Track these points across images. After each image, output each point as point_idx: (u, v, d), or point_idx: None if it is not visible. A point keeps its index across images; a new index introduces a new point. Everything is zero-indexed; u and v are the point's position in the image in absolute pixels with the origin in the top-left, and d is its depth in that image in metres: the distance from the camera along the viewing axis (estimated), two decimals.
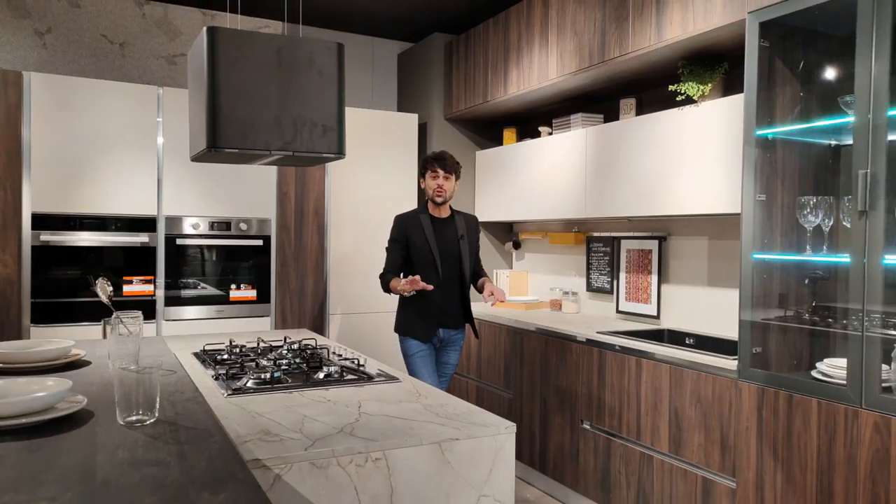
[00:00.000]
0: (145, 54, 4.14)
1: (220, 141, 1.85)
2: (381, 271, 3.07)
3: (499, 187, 4.26)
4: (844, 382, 2.05)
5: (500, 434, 1.52)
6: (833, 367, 2.13)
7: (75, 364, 1.97)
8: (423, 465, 1.43)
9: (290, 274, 4.01)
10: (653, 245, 3.46)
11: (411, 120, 4.34)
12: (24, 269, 3.37)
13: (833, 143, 2.45)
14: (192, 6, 4.23)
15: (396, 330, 3.14)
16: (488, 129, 4.60)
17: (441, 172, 3.00)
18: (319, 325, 4.07)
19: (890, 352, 1.99)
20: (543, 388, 3.37)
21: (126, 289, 3.57)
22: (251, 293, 3.90)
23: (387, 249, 3.11)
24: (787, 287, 2.43)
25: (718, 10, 2.51)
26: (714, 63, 2.83)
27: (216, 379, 1.92)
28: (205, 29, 1.86)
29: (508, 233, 4.67)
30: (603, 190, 3.36)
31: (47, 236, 3.39)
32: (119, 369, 1.30)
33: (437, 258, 3.00)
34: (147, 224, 3.62)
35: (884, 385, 1.97)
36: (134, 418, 1.30)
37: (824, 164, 2.45)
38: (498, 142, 4.53)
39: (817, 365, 2.21)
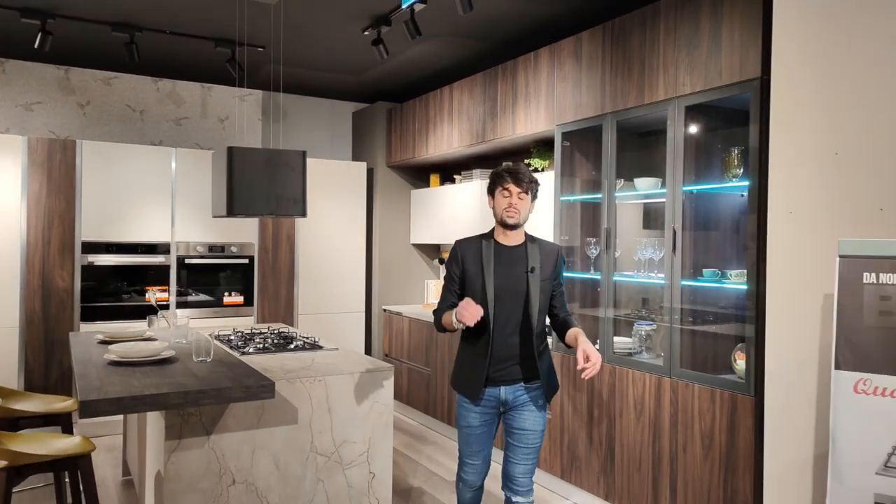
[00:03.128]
0: (159, 119, 5.48)
1: (234, 210, 3.24)
2: (436, 308, 2.63)
3: (427, 218, 5.68)
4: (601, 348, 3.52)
5: (384, 371, 2.93)
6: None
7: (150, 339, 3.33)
8: (343, 384, 2.83)
9: (269, 284, 5.37)
10: None
11: (361, 167, 5.75)
12: (76, 282, 4.68)
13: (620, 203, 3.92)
14: (194, 81, 5.57)
15: (452, 382, 2.68)
16: (421, 173, 6.03)
17: (515, 189, 2.48)
18: (290, 322, 5.44)
19: (630, 331, 3.47)
20: (450, 364, 4.79)
21: (148, 296, 4.91)
22: (239, 298, 5.26)
23: (443, 286, 2.66)
24: (581, 292, 3.89)
25: (543, 121, 3.98)
26: (551, 147, 4.29)
27: (231, 348, 3.29)
28: (226, 147, 3.25)
29: (436, 251, 6.10)
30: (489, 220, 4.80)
31: (93, 258, 4.72)
32: (198, 335, 2.67)
33: (489, 293, 2.46)
34: (164, 248, 4.96)
35: (622, 350, 3.44)
36: (201, 358, 2.68)
37: (596, 219, 3.93)
38: (427, 184, 5.96)
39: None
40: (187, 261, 5.03)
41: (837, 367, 1.79)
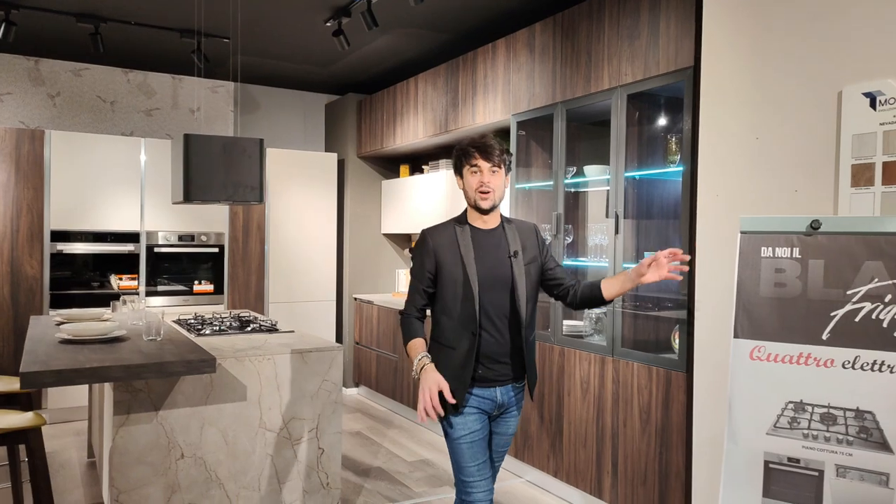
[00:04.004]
0: (130, 110, 5.54)
1: (191, 196, 3.32)
2: (403, 309, 2.28)
3: (398, 208, 5.77)
4: (550, 331, 3.62)
5: (333, 351, 3.02)
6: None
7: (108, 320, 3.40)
8: (292, 363, 2.92)
9: (239, 273, 5.45)
10: None
11: (332, 158, 5.83)
12: (45, 270, 4.75)
13: (572, 190, 4.03)
14: (165, 73, 5.64)
15: None
16: (391, 164, 6.11)
17: (485, 165, 2.16)
18: (261, 310, 5.52)
19: (583, 314, 3.57)
20: None
21: (113, 281, 4.97)
22: (210, 287, 5.34)
23: (410, 281, 2.30)
24: None
25: (500, 111, 4.07)
26: (508, 137, 4.39)
27: (188, 331, 3.37)
28: (183, 135, 3.33)
29: (406, 241, 6.19)
30: (458, 210, 4.90)
31: (62, 246, 4.78)
32: (156, 318, 2.76)
33: (473, 285, 2.14)
34: (133, 237, 5.03)
35: (572, 333, 3.55)
36: (151, 337, 2.76)
37: (552, 205, 4.03)
38: (397, 174, 6.05)
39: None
40: (157, 249, 5.10)
41: (736, 336, 1.90)
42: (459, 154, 2.23)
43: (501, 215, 2.30)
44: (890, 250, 1.74)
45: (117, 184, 4.96)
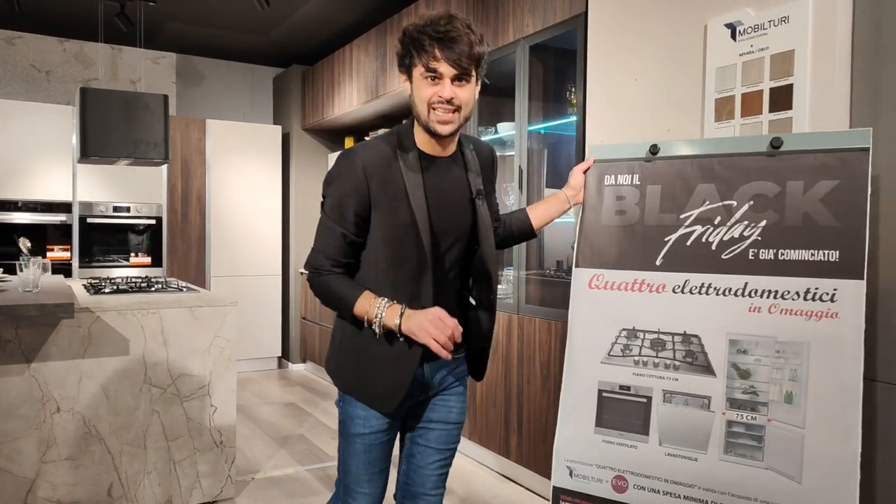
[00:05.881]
0: (66, 79, 5.45)
1: (88, 152, 3.25)
2: (311, 263, 1.56)
3: None
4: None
5: (226, 307, 2.96)
6: None
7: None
8: (179, 318, 2.86)
9: (178, 245, 5.38)
10: None
11: (276, 130, 5.75)
12: None
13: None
14: (103, 42, 5.55)
15: (335, 379, 1.67)
16: (336, 136, 6.03)
17: (449, 72, 1.45)
18: (201, 284, 5.45)
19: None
20: None
21: (49, 255, 4.90)
22: (147, 259, 5.27)
23: (321, 221, 1.56)
24: None
25: None
26: None
27: (88, 291, 3.31)
28: (79, 89, 3.26)
29: None
30: None
31: None
32: (26, 268, 2.69)
33: (424, 239, 1.49)
34: (65, 207, 4.95)
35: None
36: (28, 289, 2.70)
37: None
38: (342, 146, 5.97)
39: None
40: (90, 220, 5.03)
41: (577, 266, 1.84)
42: (409, 42, 1.47)
43: (460, 135, 1.61)
44: (722, 172, 1.68)
45: (49, 153, 4.88)
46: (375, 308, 1.47)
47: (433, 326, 1.43)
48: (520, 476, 3.19)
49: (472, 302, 1.65)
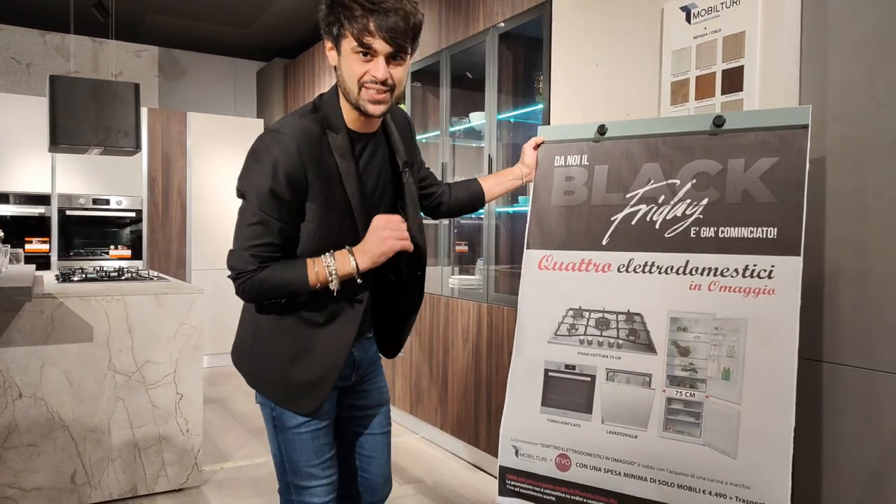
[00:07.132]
0: (47, 72, 5.43)
1: (58, 140, 3.24)
2: (236, 267, 1.39)
3: None
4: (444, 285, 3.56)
5: (192, 294, 2.95)
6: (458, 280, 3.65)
7: None
8: (145, 305, 2.85)
9: (159, 239, 5.37)
10: None
11: (258, 124, 5.74)
12: None
13: (473, 145, 3.96)
14: (84, 35, 5.54)
15: (252, 383, 1.56)
16: None
17: (383, 48, 1.34)
18: (182, 277, 5.44)
19: (474, 268, 3.51)
20: None
21: (27, 247, 4.88)
22: (127, 252, 5.25)
23: (246, 215, 1.38)
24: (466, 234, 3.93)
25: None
26: None
27: (57, 280, 3.30)
28: (49, 77, 3.25)
29: None
30: None
31: None
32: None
33: (360, 223, 1.43)
34: (44, 199, 4.94)
35: (461, 286, 3.49)
36: None
37: (441, 155, 3.97)
38: None
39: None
40: (69, 212, 5.01)
41: (528, 248, 1.84)
42: (338, 8, 1.33)
43: None
44: (666, 151, 1.68)
45: (28, 145, 4.87)
46: (325, 266, 1.38)
47: (388, 231, 1.40)
48: (489, 465, 3.19)
49: (392, 277, 1.58)
